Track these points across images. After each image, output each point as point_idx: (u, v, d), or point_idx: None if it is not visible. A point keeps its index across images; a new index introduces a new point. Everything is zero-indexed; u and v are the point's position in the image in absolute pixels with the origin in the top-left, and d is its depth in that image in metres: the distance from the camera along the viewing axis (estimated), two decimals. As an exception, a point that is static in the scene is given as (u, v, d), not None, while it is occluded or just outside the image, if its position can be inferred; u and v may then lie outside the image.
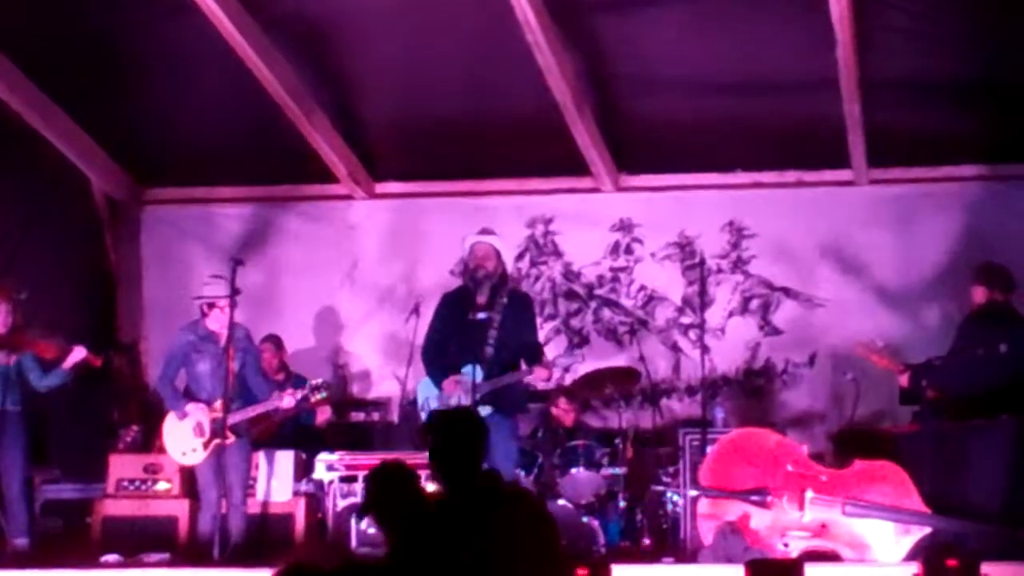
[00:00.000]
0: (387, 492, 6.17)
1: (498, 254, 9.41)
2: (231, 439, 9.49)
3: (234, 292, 9.55)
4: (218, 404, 9.51)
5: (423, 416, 9.39)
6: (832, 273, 11.78)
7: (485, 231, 9.53)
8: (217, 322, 9.62)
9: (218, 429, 9.46)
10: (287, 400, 9.74)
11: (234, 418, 9.52)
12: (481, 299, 9.34)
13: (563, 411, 10.99)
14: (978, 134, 11.15)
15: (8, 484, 9.78)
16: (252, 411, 9.68)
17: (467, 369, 9.12)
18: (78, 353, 9.97)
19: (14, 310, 9.93)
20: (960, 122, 10.93)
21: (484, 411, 8.92)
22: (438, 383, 9.28)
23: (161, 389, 9.84)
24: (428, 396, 9.37)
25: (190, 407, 9.58)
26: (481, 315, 9.25)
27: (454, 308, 9.45)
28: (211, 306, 9.62)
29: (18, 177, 11.43)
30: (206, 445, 9.51)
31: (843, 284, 11.73)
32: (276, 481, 10.16)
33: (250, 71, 10.63)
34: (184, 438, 9.63)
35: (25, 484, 9.95)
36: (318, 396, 9.92)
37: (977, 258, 10.30)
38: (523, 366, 9.36)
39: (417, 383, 9.90)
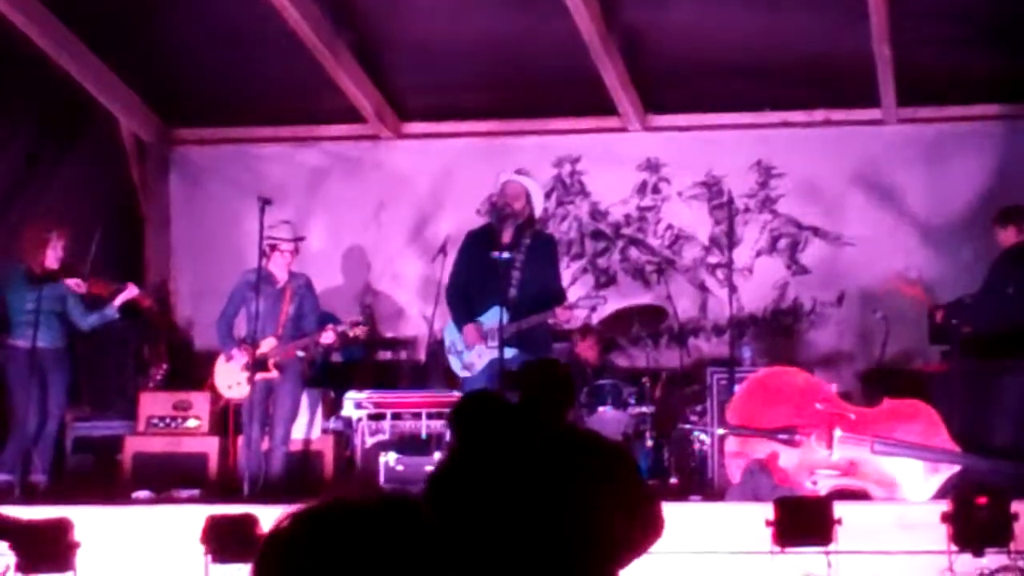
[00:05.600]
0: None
1: (528, 196, 9.32)
2: (274, 373, 9.64)
3: (298, 238, 9.96)
4: (265, 341, 9.66)
5: (449, 357, 9.37)
6: (861, 212, 11.71)
7: (521, 171, 9.46)
8: (277, 265, 9.86)
9: (260, 363, 9.61)
10: (327, 335, 9.80)
11: (275, 354, 9.70)
12: (505, 238, 9.26)
13: (586, 347, 10.97)
14: (1009, 73, 11.04)
15: (48, 420, 9.81)
16: (293, 346, 9.78)
17: (489, 313, 9.08)
18: (131, 291, 10.03)
19: (67, 246, 9.92)
20: (991, 61, 10.84)
21: (509, 353, 8.94)
22: (460, 325, 9.24)
23: (218, 328, 10.04)
24: (455, 337, 9.34)
25: (235, 352, 9.80)
26: (505, 254, 9.15)
27: (478, 246, 9.36)
28: (273, 248, 9.83)
29: (47, 118, 11.44)
30: (250, 379, 9.62)
31: (872, 223, 11.67)
32: (305, 419, 10.27)
33: (277, 10, 10.60)
34: (231, 373, 9.89)
35: (59, 423, 10.03)
36: (356, 330, 9.93)
37: (1007, 197, 10.25)
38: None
39: (445, 323, 9.91)
